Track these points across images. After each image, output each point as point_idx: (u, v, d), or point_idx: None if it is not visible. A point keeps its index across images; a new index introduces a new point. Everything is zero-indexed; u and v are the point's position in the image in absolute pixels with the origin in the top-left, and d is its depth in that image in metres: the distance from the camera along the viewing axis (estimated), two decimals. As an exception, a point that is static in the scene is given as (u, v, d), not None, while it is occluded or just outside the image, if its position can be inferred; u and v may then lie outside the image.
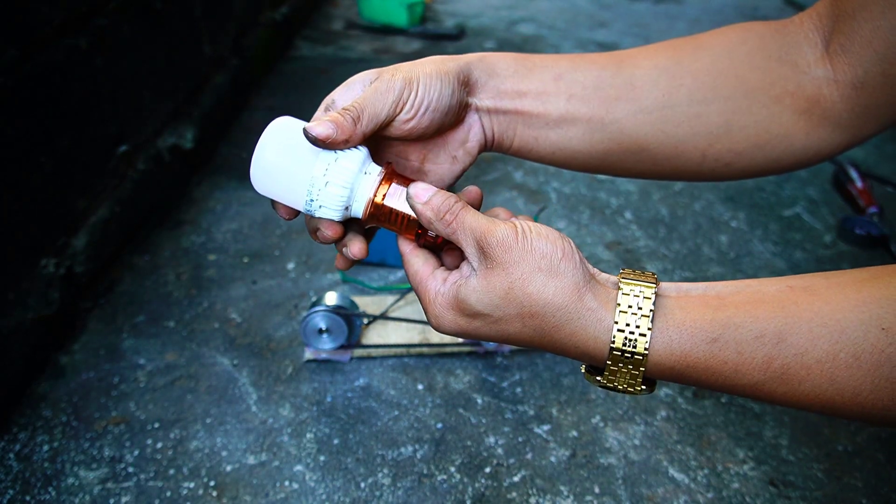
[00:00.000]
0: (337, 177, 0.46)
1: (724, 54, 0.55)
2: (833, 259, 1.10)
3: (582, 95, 0.54)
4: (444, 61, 0.52)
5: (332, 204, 0.47)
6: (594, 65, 0.55)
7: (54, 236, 0.87)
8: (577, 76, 0.55)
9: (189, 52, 1.27)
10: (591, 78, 0.55)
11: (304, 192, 0.47)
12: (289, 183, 0.47)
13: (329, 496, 0.70)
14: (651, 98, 0.55)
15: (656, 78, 0.55)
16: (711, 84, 0.55)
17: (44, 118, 0.83)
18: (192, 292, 0.97)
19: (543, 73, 0.55)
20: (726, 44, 0.55)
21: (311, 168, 0.46)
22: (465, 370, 0.86)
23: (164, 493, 0.69)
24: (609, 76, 0.55)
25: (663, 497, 0.71)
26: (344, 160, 0.46)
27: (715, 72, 0.55)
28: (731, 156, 0.55)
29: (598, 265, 1.07)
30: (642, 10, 2.39)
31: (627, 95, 0.55)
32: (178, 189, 1.19)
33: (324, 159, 0.46)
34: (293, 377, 0.84)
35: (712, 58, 0.55)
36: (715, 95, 0.55)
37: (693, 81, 0.55)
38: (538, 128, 0.55)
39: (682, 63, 0.55)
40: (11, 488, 0.69)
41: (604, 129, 0.55)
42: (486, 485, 0.72)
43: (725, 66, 0.55)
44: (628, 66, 0.55)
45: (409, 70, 0.50)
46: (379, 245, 1.01)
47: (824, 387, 0.39)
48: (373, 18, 2.13)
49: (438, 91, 0.50)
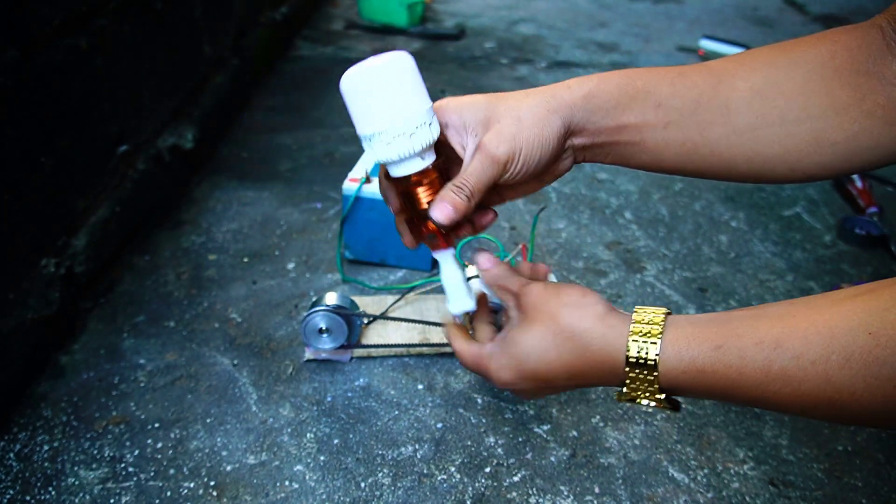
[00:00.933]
0: (420, 138, 0.53)
1: (816, 72, 0.56)
2: (833, 259, 1.10)
3: (679, 122, 0.57)
4: (548, 116, 0.56)
5: (397, 151, 0.54)
6: (694, 88, 0.57)
7: (54, 236, 0.87)
8: (675, 102, 0.57)
9: (189, 52, 1.27)
10: (688, 104, 0.57)
11: (384, 125, 0.53)
12: (380, 108, 0.53)
13: (329, 496, 0.70)
14: (744, 121, 0.57)
15: (750, 100, 0.56)
16: (804, 104, 0.56)
17: (44, 118, 0.83)
18: (192, 292, 0.97)
19: (645, 102, 0.57)
20: (818, 60, 0.56)
21: (406, 119, 0.53)
22: (465, 370, 0.86)
23: (164, 493, 0.69)
24: (706, 100, 0.57)
25: (663, 497, 0.71)
26: (425, 136, 0.54)
27: (808, 91, 0.56)
28: (818, 169, 0.57)
29: (598, 265, 1.07)
30: (642, 10, 2.39)
31: (722, 120, 0.57)
32: (178, 189, 1.19)
33: (416, 120, 0.53)
34: (293, 377, 0.84)
35: (805, 77, 0.56)
36: (807, 115, 0.56)
37: (786, 103, 0.56)
38: (632, 153, 0.59)
39: (776, 84, 0.56)
40: (11, 488, 0.69)
41: (696, 151, 0.58)
42: (486, 485, 0.72)
43: (817, 85, 0.55)
44: (725, 87, 0.57)
45: (514, 137, 0.55)
46: (379, 245, 1.01)
47: (822, 386, 0.42)
48: (373, 18, 2.13)
49: (538, 158, 0.56)
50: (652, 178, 1.32)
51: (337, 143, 1.40)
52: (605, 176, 1.32)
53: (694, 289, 1.02)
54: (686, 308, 0.98)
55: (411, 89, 0.54)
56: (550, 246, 1.10)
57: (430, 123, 0.55)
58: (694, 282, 1.04)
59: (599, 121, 0.57)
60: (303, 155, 1.35)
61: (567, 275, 1.04)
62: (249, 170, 1.29)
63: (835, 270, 1.08)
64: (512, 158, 0.55)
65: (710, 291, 1.02)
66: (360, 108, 0.54)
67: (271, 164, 1.31)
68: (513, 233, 1.13)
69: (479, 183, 0.55)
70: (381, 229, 0.99)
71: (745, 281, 1.04)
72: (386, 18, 2.10)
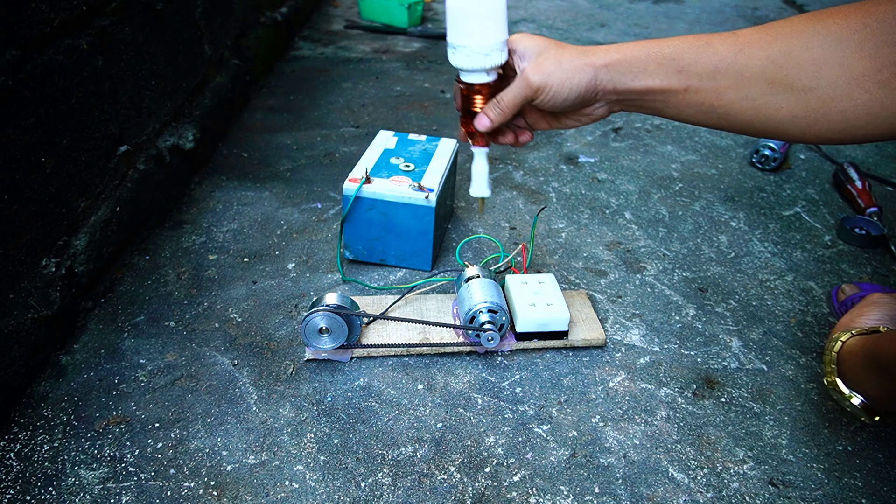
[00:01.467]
0: (491, 59, 0.72)
1: (836, 43, 0.59)
2: (833, 259, 1.10)
3: (697, 87, 0.66)
4: (583, 67, 0.69)
5: (472, 63, 0.73)
6: (715, 55, 0.65)
7: (55, 236, 0.87)
8: (696, 69, 0.66)
9: (189, 53, 1.27)
10: (708, 70, 0.65)
11: (470, 41, 0.71)
12: (471, 28, 0.71)
13: (329, 496, 0.70)
14: (756, 88, 0.63)
15: (764, 68, 0.62)
16: (815, 73, 0.60)
17: (44, 118, 0.83)
18: (193, 292, 0.97)
19: (669, 68, 0.67)
20: (842, 31, 0.59)
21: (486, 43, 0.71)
22: (465, 370, 0.86)
23: (164, 493, 0.69)
24: (724, 66, 0.64)
25: (663, 497, 0.71)
26: (496, 59, 0.72)
27: (822, 61, 0.59)
28: (830, 134, 0.62)
29: (598, 265, 1.07)
30: (642, 11, 2.39)
31: (736, 85, 0.64)
32: (178, 189, 1.19)
33: (493, 46, 0.71)
34: (293, 377, 0.84)
35: (822, 47, 0.59)
36: (816, 84, 0.60)
37: (797, 72, 0.61)
38: (658, 108, 0.70)
39: (792, 54, 0.61)
40: (11, 488, 0.69)
41: (713, 111, 0.66)
42: (486, 484, 0.72)
43: (833, 55, 0.59)
44: (743, 55, 0.64)
45: (550, 73, 0.70)
46: (379, 245, 1.01)
47: None
48: (373, 18, 2.13)
49: (565, 95, 0.70)
50: (652, 179, 1.32)
51: (337, 143, 1.40)
52: (605, 176, 1.32)
53: (694, 289, 1.02)
54: (686, 308, 0.98)
55: (497, 21, 0.71)
56: (550, 246, 1.10)
57: (502, 51, 0.72)
58: (694, 282, 1.04)
59: (628, 82, 0.69)
60: (303, 155, 1.35)
61: (567, 275, 1.04)
62: (249, 170, 1.29)
63: (835, 270, 1.08)
64: (542, 88, 0.70)
65: (710, 291, 1.02)
66: (456, 23, 0.71)
67: (271, 164, 1.31)
68: (513, 233, 1.13)
69: (513, 101, 0.72)
70: (381, 229, 1.00)
71: (745, 281, 1.04)
72: (386, 18, 2.10)
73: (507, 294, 0.91)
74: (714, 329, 0.95)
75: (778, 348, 0.91)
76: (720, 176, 1.34)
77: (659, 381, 0.86)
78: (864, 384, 0.71)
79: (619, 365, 0.88)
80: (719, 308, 0.98)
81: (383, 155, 1.06)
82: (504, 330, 0.85)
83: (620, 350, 0.90)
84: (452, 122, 1.51)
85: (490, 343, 0.84)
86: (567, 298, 0.93)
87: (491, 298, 0.85)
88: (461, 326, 0.85)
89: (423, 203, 0.96)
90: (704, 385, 0.86)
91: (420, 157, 1.05)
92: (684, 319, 0.96)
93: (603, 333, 0.90)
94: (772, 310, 0.98)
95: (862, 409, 0.72)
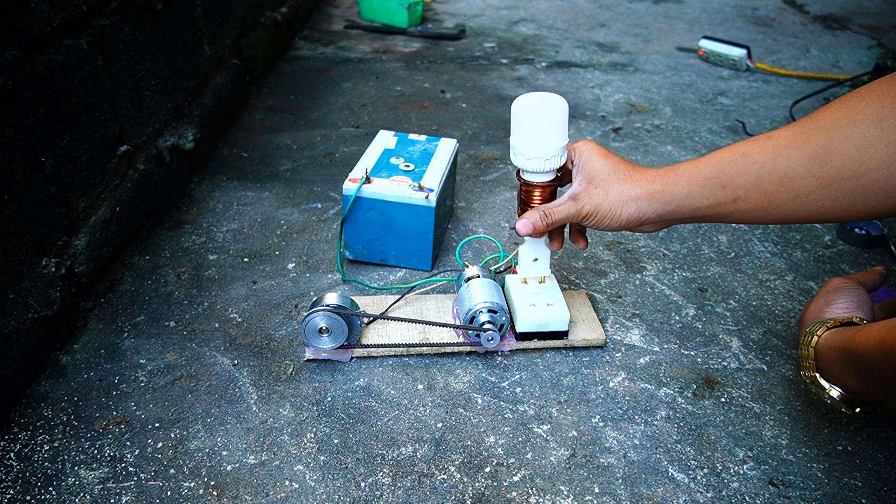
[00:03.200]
0: (550, 163, 0.79)
1: (875, 125, 0.60)
2: (833, 259, 1.10)
3: (745, 196, 0.68)
4: (626, 202, 0.74)
5: (532, 166, 0.79)
6: (755, 165, 0.66)
7: (55, 236, 0.87)
8: (739, 181, 0.67)
9: (189, 53, 1.27)
10: (752, 179, 0.67)
11: (530, 147, 0.78)
12: (532, 134, 0.77)
13: (329, 496, 0.70)
14: (805, 185, 0.64)
15: (808, 166, 0.63)
16: (862, 159, 0.60)
17: (44, 118, 0.83)
18: (193, 292, 0.97)
19: (712, 187, 0.69)
20: (877, 111, 0.60)
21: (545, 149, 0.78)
22: (465, 370, 0.86)
23: (164, 493, 0.69)
24: (766, 173, 0.66)
25: (663, 497, 0.71)
26: (553, 164, 0.80)
27: (866, 146, 0.60)
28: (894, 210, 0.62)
29: (598, 265, 1.07)
30: (642, 10, 2.39)
31: (784, 188, 0.65)
32: (178, 189, 1.19)
33: (552, 152, 0.78)
34: (293, 377, 0.84)
35: (863, 133, 0.60)
36: (867, 168, 0.60)
37: (843, 162, 0.61)
38: (713, 220, 0.73)
39: (832, 146, 0.62)
40: (12, 488, 0.69)
41: (768, 215, 0.68)
42: (486, 484, 0.72)
43: (875, 137, 0.60)
44: (783, 159, 0.65)
45: (598, 205, 0.75)
46: (379, 245, 1.01)
47: None
48: (373, 18, 2.13)
49: (609, 222, 0.76)
50: (652, 178, 1.32)
51: (337, 143, 1.40)
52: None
53: (694, 289, 1.02)
54: (686, 308, 0.98)
55: (557, 129, 0.76)
56: (550, 246, 1.10)
57: (561, 156, 0.78)
58: (694, 282, 1.04)
59: (674, 210, 0.72)
60: (303, 155, 1.35)
61: (567, 275, 1.04)
62: (249, 170, 1.29)
63: (835, 270, 1.08)
64: (589, 215, 0.77)
65: (710, 291, 1.02)
66: (519, 128, 0.77)
67: (271, 164, 1.31)
68: (512, 233, 1.13)
69: (560, 218, 0.79)
70: (381, 229, 1.00)
71: (745, 281, 1.04)
72: (386, 18, 2.10)
73: (507, 294, 0.91)
74: (714, 329, 0.95)
75: (778, 348, 0.91)
76: (720, 176, 1.34)
77: (659, 381, 0.86)
78: (842, 378, 0.71)
79: (619, 365, 0.88)
80: (719, 308, 0.99)
81: (383, 155, 1.06)
82: (504, 330, 0.85)
83: (620, 350, 0.90)
84: (452, 122, 1.51)
85: (490, 343, 0.84)
86: (567, 298, 0.93)
87: (491, 298, 0.85)
88: (461, 326, 0.85)
89: (423, 203, 0.96)
90: (704, 385, 0.86)
91: (420, 157, 1.05)
92: (684, 319, 0.96)
93: (603, 333, 0.90)
94: (772, 310, 0.98)
95: (841, 401, 0.73)
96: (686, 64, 1.91)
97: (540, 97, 0.76)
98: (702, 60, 1.92)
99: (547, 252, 0.89)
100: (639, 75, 1.82)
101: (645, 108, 1.64)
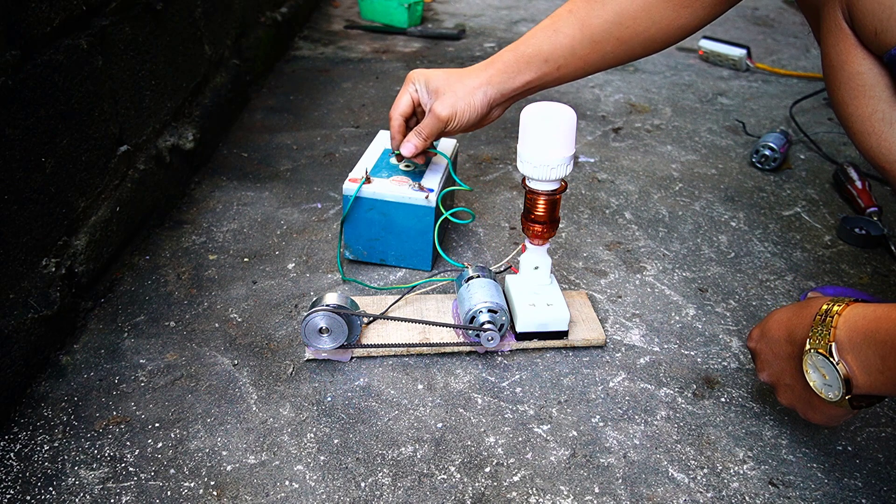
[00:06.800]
0: (556, 172, 0.80)
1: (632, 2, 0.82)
2: (833, 259, 1.10)
3: (565, 63, 0.85)
4: (473, 91, 0.86)
5: (537, 174, 0.80)
6: (566, 38, 0.84)
7: (55, 236, 0.87)
8: (558, 53, 0.84)
9: (189, 53, 1.27)
10: (566, 49, 0.84)
11: (536, 155, 0.79)
12: (539, 143, 0.78)
13: (329, 496, 0.70)
14: (610, 45, 0.84)
15: (609, 29, 0.83)
16: (647, 17, 0.83)
17: (44, 118, 0.83)
18: (193, 292, 0.97)
19: (535, 62, 0.85)
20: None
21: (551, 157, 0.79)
22: (465, 370, 0.86)
23: (164, 493, 0.69)
24: (577, 41, 0.84)
25: (663, 497, 0.71)
26: (560, 173, 0.80)
27: (648, 6, 0.82)
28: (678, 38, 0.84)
29: (598, 265, 1.07)
30: (642, 11, 2.39)
31: (595, 49, 0.84)
32: (178, 189, 1.19)
33: (558, 161, 0.79)
34: (293, 377, 0.84)
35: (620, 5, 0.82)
36: (652, 22, 0.82)
37: (634, 22, 0.83)
38: (543, 88, 0.88)
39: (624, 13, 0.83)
40: (11, 488, 0.69)
41: (587, 70, 0.86)
42: (486, 484, 0.72)
43: (636, 8, 0.82)
44: (587, 27, 0.83)
45: (453, 105, 0.85)
46: (379, 245, 1.01)
47: None
48: (373, 18, 2.13)
49: (468, 117, 0.87)
50: (652, 179, 1.32)
51: (337, 143, 1.40)
52: (605, 176, 1.32)
53: (694, 289, 1.02)
54: (686, 308, 0.98)
55: (565, 139, 0.77)
56: (550, 245, 1.10)
57: (568, 165, 0.79)
58: (694, 282, 1.04)
59: (510, 86, 0.86)
60: (303, 155, 1.35)
61: (567, 275, 1.04)
62: (249, 170, 1.29)
63: (835, 270, 1.08)
64: (450, 119, 0.86)
65: (710, 291, 1.02)
66: (527, 136, 0.78)
67: (271, 164, 1.31)
68: (513, 232, 1.13)
69: (431, 131, 0.89)
70: (381, 229, 1.00)
71: (745, 281, 1.04)
72: (386, 18, 2.10)
73: (507, 294, 0.91)
74: (714, 329, 0.95)
75: (778, 348, 0.91)
76: (720, 176, 1.34)
77: (659, 381, 0.86)
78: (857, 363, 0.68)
79: (619, 365, 0.88)
80: (719, 308, 0.99)
81: (383, 155, 1.06)
82: (504, 330, 0.85)
83: (620, 350, 0.90)
84: (452, 122, 1.51)
85: (490, 343, 0.84)
86: (567, 298, 0.93)
87: (491, 298, 0.85)
88: (461, 326, 0.85)
89: (423, 203, 0.96)
90: (704, 385, 0.86)
91: (420, 157, 1.05)
92: (684, 319, 0.96)
93: (603, 333, 0.90)
94: (772, 310, 0.98)
95: (845, 380, 0.62)
96: (686, 64, 1.91)
97: (549, 107, 0.77)
98: (702, 60, 1.93)
99: (548, 260, 0.88)
100: (639, 75, 1.83)
101: (645, 107, 1.64)
